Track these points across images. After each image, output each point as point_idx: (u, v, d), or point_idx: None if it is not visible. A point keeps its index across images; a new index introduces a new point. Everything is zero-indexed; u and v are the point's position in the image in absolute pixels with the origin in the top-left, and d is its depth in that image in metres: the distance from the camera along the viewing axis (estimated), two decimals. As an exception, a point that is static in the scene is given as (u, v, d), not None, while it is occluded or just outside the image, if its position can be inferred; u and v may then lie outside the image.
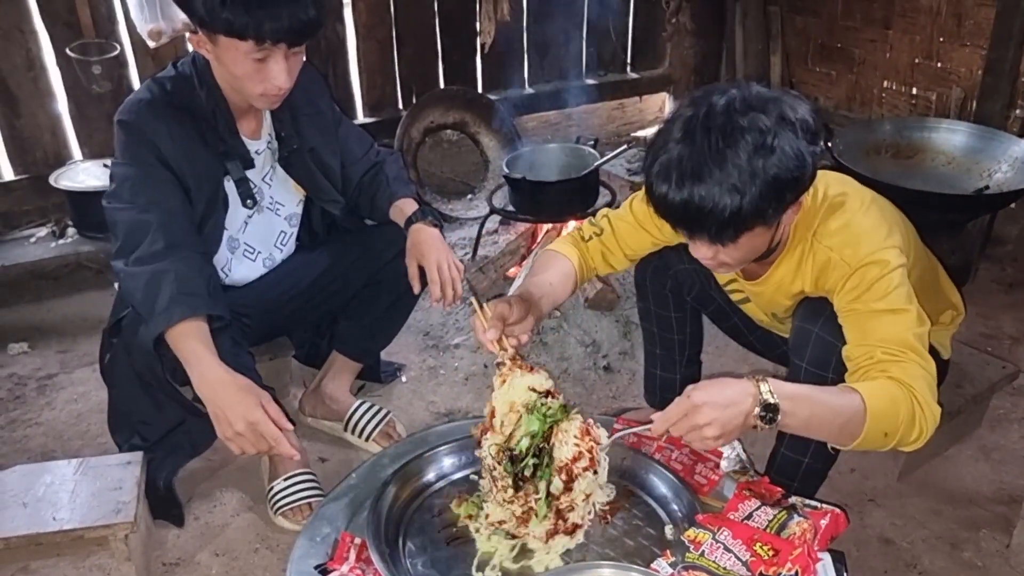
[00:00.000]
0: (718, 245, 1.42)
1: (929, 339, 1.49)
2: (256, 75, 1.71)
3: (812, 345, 1.61)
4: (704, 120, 1.34)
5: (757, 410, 1.29)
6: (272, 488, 2.01)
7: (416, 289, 1.97)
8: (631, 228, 1.82)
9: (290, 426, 1.61)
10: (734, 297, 1.90)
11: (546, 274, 1.75)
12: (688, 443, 1.32)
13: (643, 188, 1.81)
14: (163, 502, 1.97)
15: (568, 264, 1.79)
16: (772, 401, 1.29)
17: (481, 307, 1.58)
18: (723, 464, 1.62)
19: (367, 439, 2.24)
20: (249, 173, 1.94)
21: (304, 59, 1.81)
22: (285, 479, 2.00)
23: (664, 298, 2.03)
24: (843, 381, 1.49)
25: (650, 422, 1.35)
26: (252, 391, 1.60)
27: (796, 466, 1.77)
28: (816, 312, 1.61)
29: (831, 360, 1.56)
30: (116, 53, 2.95)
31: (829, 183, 1.59)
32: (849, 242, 1.51)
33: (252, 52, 1.66)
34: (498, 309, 1.55)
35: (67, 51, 2.87)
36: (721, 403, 1.28)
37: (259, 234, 2.07)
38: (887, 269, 1.47)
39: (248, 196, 1.95)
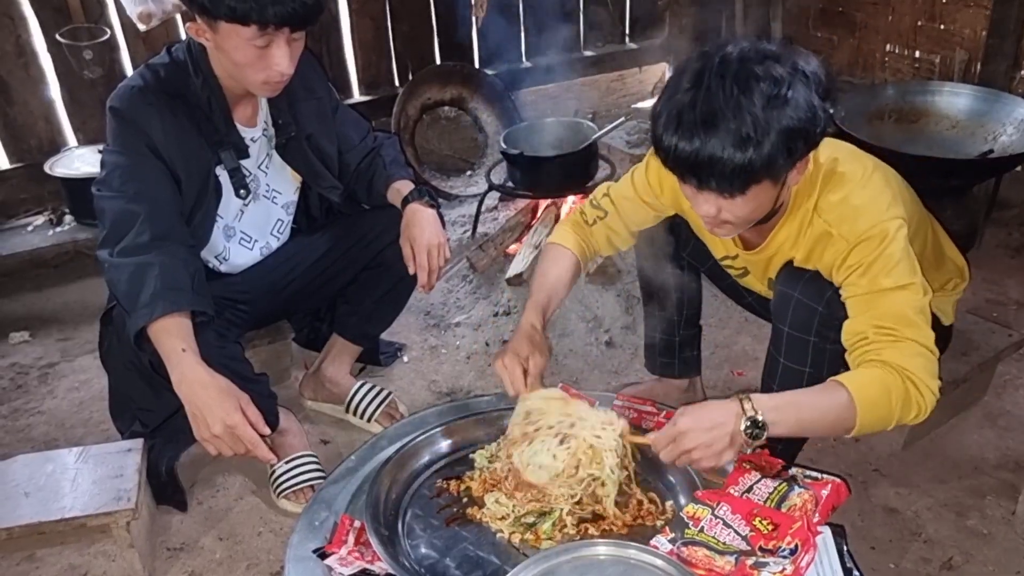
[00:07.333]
0: (725, 197, 1.38)
1: (931, 307, 1.48)
2: (258, 62, 1.68)
3: (793, 309, 1.63)
4: (719, 68, 1.32)
5: (744, 427, 1.35)
6: (274, 471, 2.01)
7: (411, 270, 1.95)
8: (634, 204, 1.81)
9: (268, 430, 1.62)
10: (732, 273, 1.88)
11: (552, 272, 1.78)
12: (683, 466, 1.45)
13: (644, 161, 1.80)
14: (166, 488, 1.98)
15: (570, 257, 1.81)
16: (758, 418, 1.35)
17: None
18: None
19: (369, 420, 2.24)
20: (245, 162, 1.92)
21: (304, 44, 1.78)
22: (287, 462, 2.00)
23: (659, 253, 2.00)
24: (825, 343, 1.58)
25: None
26: (232, 393, 1.58)
27: None
28: (796, 276, 1.62)
29: (812, 323, 1.60)
30: (107, 37, 2.91)
31: (831, 151, 1.56)
32: (847, 216, 1.49)
33: (255, 38, 1.63)
34: (531, 367, 1.60)
35: (57, 36, 2.84)
36: (705, 426, 1.36)
37: (256, 222, 2.05)
38: (887, 241, 1.45)
39: (241, 186, 1.93)
